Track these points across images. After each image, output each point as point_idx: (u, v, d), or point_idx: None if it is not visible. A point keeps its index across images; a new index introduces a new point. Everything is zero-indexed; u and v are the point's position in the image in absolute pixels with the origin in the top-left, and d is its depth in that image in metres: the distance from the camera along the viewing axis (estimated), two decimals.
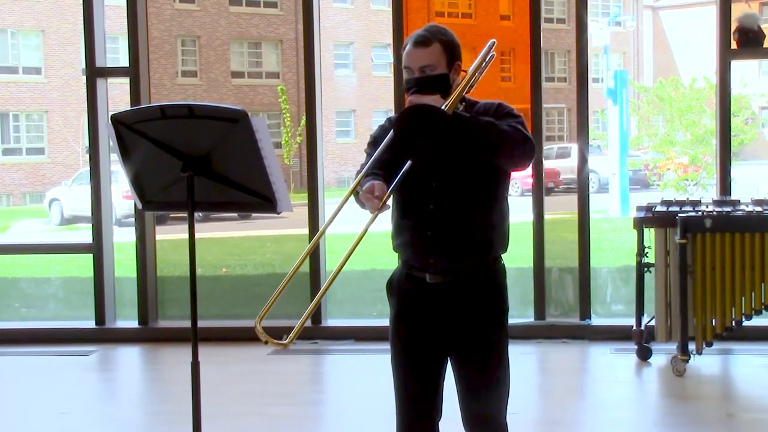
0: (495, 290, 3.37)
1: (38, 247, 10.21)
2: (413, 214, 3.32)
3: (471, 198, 3.29)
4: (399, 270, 3.45)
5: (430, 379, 3.37)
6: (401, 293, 3.42)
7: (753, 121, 24.45)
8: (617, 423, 5.41)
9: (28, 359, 7.13)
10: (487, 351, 3.34)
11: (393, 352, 3.45)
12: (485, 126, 3.16)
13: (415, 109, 3.12)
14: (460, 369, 3.36)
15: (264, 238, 13.46)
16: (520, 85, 7.08)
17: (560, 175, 20.50)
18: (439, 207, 3.28)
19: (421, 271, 3.33)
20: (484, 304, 3.34)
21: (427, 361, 3.37)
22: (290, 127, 20.43)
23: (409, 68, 3.29)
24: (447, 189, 3.28)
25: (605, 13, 32.44)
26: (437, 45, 3.28)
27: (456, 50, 3.33)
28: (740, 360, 6.62)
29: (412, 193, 3.28)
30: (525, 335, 7.11)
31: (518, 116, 3.30)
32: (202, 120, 3.40)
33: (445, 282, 3.31)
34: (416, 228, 3.32)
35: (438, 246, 3.29)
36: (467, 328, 3.32)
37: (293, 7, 23.65)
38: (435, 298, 3.33)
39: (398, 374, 3.42)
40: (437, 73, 3.27)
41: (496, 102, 3.35)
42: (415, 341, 3.37)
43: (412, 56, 3.28)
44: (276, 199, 3.48)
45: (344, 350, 7.07)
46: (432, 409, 3.39)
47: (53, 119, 28.78)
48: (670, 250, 6.22)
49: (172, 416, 5.55)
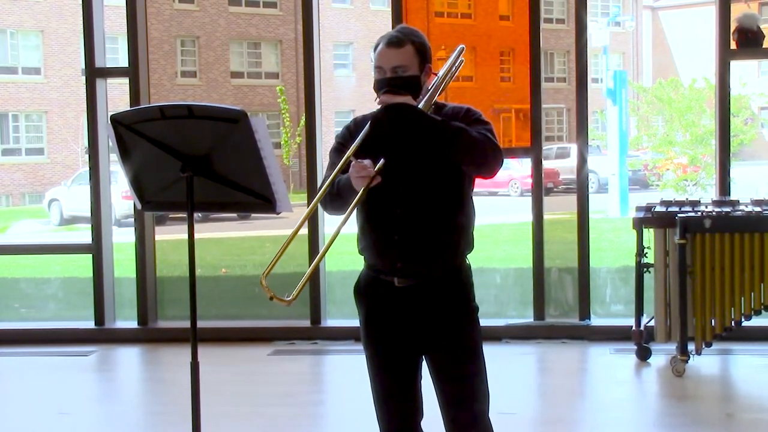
0: (462, 289, 3.38)
1: (38, 248, 10.20)
2: (380, 217, 3.32)
3: (438, 201, 3.30)
4: (365, 273, 3.45)
5: (406, 379, 3.38)
6: (369, 297, 3.42)
7: (752, 122, 24.46)
8: (617, 423, 5.41)
9: (27, 359, 7.13)
10: (461, 349, 3.35)
11: (367, 355, 3.44)
12: (457, 131, 3.16)
13: (396, 107, 3.13)
14: (437, 369, 3.36)
15: (263, 238, 13.44)
16: (520, 85, 7.07)
17: (560, 176, 20.50)
18: (405, 211, 3.29)
19: (389, 275, 3.34)
20: (454, 304, 3.35)
21: (402, 361, 3.37)
22: (290, 128, 20.43)
23: (381, 68, 3.30)
24: (414, 192, 3.28)
25: (605, 13, 32.45)
26: (410, 46, 3.29)
27: (427, 53, 3.35)
28: (740, 360, 6.62)
29: (378, 196, 3.26)
30: (524, 335, 7.12)
31: (487, 123, 3.30)
32: (201, 120, 3.40)
33: (414, 285, 3.32)
34: (383, 232, 3.32)
35: (406, 250, 3.29)
36: (439, 329, 3.33)
37: (293, 8, 23.62)
38: (404, 301, 3.33)
39: (374, 377, 3.42)
40: (409, 74, 3.28)
41: (464, 107, 3.36)
42: (388, 343, 3.37)
43: (384, 56, 3.29)
44: (275, 200, 3.47)
45: (344, 350, 7.07)
46: (412, 409, 3.40)
47: (52, 119, 28.78)
48: (670, 250, 6.22)
49: (171, 416, 5.55)
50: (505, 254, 12.63)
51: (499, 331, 7.10)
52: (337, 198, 3.29)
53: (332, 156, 3.40)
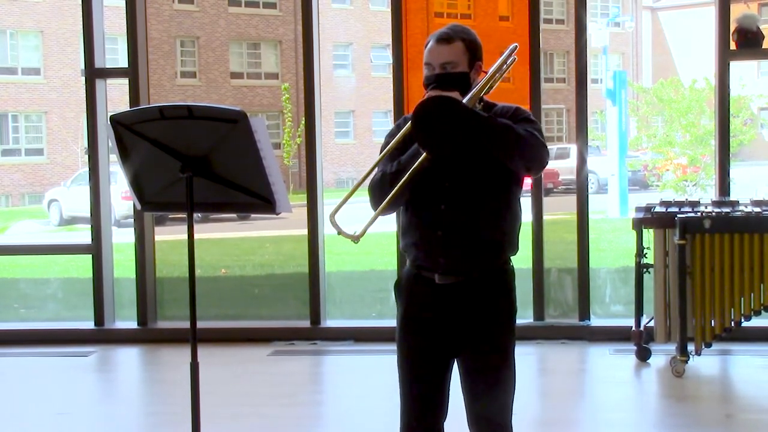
0: (504, 292, 3.36)
1: (37, 248, 10.20)
2: (424, 213, 3.31)
3: (483, 199, 3.28)
4: (407, 270, 3.44)
5: (436, 379, 3.36)
6: (409, 293, 3.40)
7: (752, 122, 24.46)
8: (616, 424, 5.41)
9: (27, 360, 7.13)
10: (493, 353, 3.33)
11: (399, 351, 3.42)
12: (503, 128, 3.16)
13: (436, 99, 3.12)
14: (467, 370, 3.35)
15: (263, 238, 13.45)
16: (519, 85, 7.07)
17: (559, 176, 20.49)
18: (450, 207, 3.27)
19: (431, 272, 3.32)
20: (493, 305, 3.33)
21: (434, 361, 3.36)
22: (290, 128, 20.43)
23: (430, 65, 3.29)
24: (460, 189, 3.27)
25: (604, 13, 32.44)
26: (459, 43, 3.28)
27: (478, 50, 3.34)
28: (739, 361, 6.62)
29: (424, 192, 3.26)
30: (524, 336, 7.10)
31: (535, 122, 3.29)
32: (201, 121, 3.40)
33: (455, 283, 3.30)
34: (427, 228, 3.31)
35: (448, 246, 3.27)
36: (475, 330, 3.31)
37: (292, 8, 23.63)
38: (444, 298, 3.31)
39: (404, 374, 3.40)
40: (458, 71, 3.27)
41: (513, 106, 3.35)
42: (423, 342, 3.36)
43: (433, 53, 3.29)
44: (275, 200, 3.47)
45: (344, 351, 7.07)
46: (437, 409, 3.39)
47: (52, 120, 28.77)
48: (669, 250, 6.22)
49: (171, 417, 5.55)
50: None
51: None
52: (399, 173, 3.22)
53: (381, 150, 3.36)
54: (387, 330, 5.66)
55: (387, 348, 4.65)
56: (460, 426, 3.44)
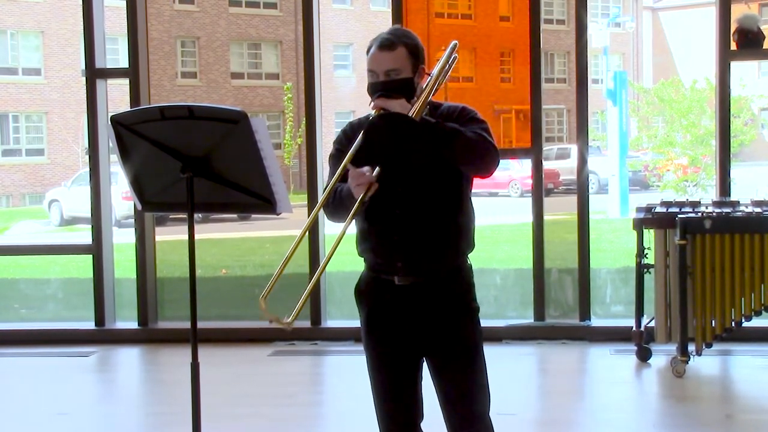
0: (464, 289, 3.38)
1: (38, 248, 10.21)
2: (379, 218, 3.31)
3: (437, 201, 3.29)
4: (365, 274, 3.44)
5: (406, 380, 3.37)
6: (370, 297, 3.41)
7: (752, 122, 24.46)
8: (617, 424, 5.41)
9: (27, 360, 7.13)
10: (461, 349, 3.34)
11: (368, 356, 3.43)
12: (451, 133, 3.15)
13: (386, 117, 3.12)
14: (437, 369, 3.36)
15: (263, 239, 13.45)
16: (520, 86, 7.07)
17: (560, 176, 20.52)
18: (405, 211, 3.28)
19: (389, 275, 3.33)
20: (454, 304, 3.34)
21: (402, 363, 3.37)
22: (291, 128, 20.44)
23: (374, 72, 3.28)
24: (413, 193, 3.28)
25: (605, 14, 32.47)
26: (402, 48, 3.27)
27: (420, 54, 3.33)
28: (740, 361, 6.62)
29: (378, 198, 3.24)
30: (525, 336, 7.12)
31: (483, 121, 3.29)
32: (201, 121, 3.40)
33: (414, 283, 3.31)
34: (383, 233, 3.32)
35: (405, 250, 3.29)
36: (439, 328, 3.32)
37: (293, 8, 23.63)
38: (404, 299, 3.33)
39: (375, 378, 3.41)
40: (402, 77, 3.26)
41: (459, 106, 3.34)
42: (389, 344, 3.37)
43: (377, 59, 3.28)
44: (275, 200, 3.47)
45: (344, 351, 7.07)
46: (412, 410, 3.40)
47: (53, 120, 28.79)
48: (670, 251, 6.22)
49: (171, 417, 5.55)
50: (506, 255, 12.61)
51: (500, 332, 7.10)
52: (339, 206, 3.27)
53: (331, 163, 3.38)
54: None
55: None
56: (440, 428, 3.43)
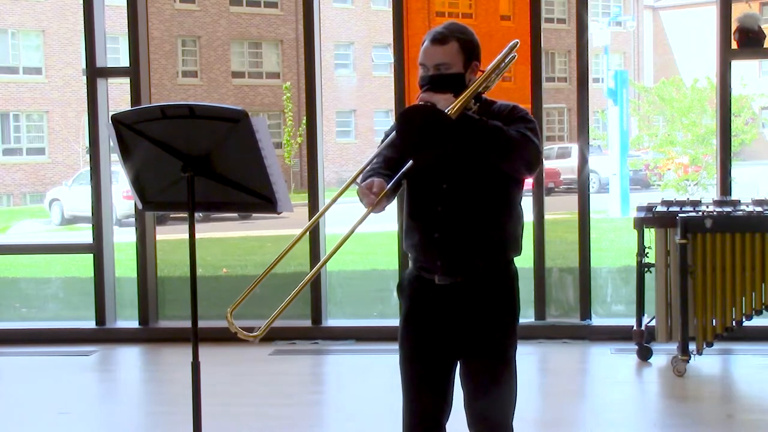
0: (505, 293, 3.33)
1: (38, 248, 10.21)
2: (422, 215, 3.30)
3: (480, 201, 3.25)
4: (410, 271, 3.43)
5: (438, 380, 3.34)
6: (411, 294, 3.39)
7: (753, 121, 24.45)
8: (617, 423, 5.41)
9: (28, 359, 7.13)
10: (493, 353, 3.30)
11: (402, 352, 3.40)
12: (492, 130, 3.11)
13: (414, 110, 3.09)
14: (467, 371, 3.34)
15: (264, 238, 13.47)
16: (521, 85, 7.07)
17: (560, 176, 20.51)
18: (447, 209, 3.25)
19: (430, 273, 3.31)
20: (494, 306, 3.30)
21: (436, 362, 3.34)
22: (292, 127, 20.46)
23: (424, 65, 3.26)
24: (457, 191, 3.25)
25: (605, 13, 32.47)
26: (454, 43, 3.24)
27: (474, 50, 3.29)
28: (741, 360, 6.62)
29: (421, 194, 3.25)
30: (525, 335, 7.10)
31: (531, 121, 3.24)
32: (202, 120, 3.40)
33: (454, 283, 3.28)
34: (424, 229, 3.29)
35: (445, 248, 3.26)
36: (475, 330, 3.29)
37: (293, 7, 23.65)
38: (444, 299, 3.30)
39: (406, 374, 3.39)
40: (451, 72, 3.23)
41: (510, 104, 3.31)
42: (425, 342, 3.34)
43: (427, 53, 3.25)
44: (276, 200, 3.47)
45: (344, 350, 7.07)
46: (439, 410, 3.37)
47: (53, 119, 28.79)
48: (671, 250, 6.22)
49: (172, 416, 5.55)
50: None
51: None
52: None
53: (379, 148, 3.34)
54: (388, 330, 5.67)
55: (388, 348, 4.64)
56: (461, 426, 3.44)
